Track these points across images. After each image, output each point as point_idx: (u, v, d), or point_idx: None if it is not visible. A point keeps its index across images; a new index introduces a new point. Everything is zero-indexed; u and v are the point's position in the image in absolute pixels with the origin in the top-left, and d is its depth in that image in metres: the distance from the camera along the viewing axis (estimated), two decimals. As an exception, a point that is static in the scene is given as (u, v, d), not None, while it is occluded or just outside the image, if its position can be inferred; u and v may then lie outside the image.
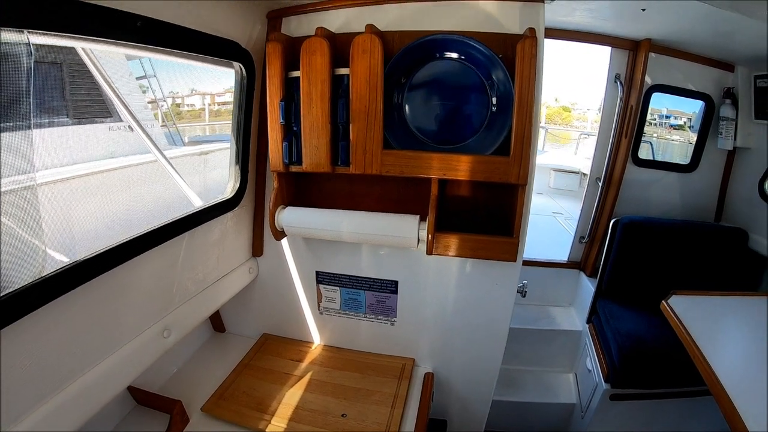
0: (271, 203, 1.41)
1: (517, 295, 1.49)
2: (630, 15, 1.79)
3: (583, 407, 2.17)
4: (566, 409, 2.32)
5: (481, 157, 1.21)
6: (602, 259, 2.24)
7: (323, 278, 1.63)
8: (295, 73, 1.27)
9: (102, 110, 2.97)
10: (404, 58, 1.25)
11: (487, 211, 1.40)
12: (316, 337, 1.73)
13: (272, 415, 1.33)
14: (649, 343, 1.88)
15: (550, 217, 4.25)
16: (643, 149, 2.37)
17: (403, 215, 1.35)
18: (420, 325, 1.60)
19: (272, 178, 1.42)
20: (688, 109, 2.45)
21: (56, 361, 0.92)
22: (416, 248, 1.35)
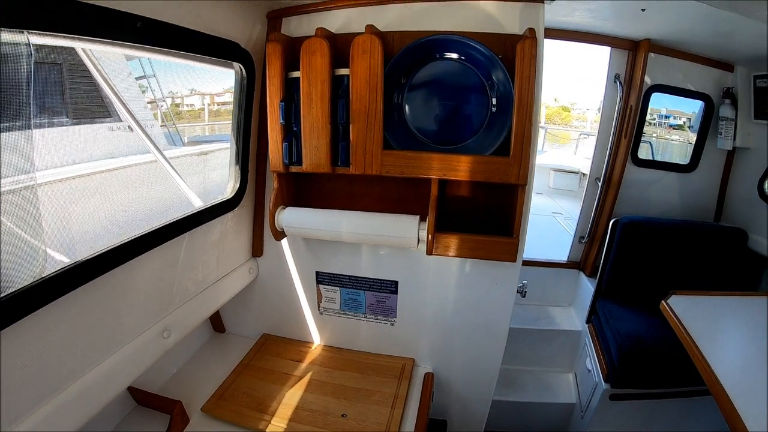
0: (271, 203, 1.41)
1: (517, 295, 1.49)
2: (630, 15, 1.79)
3: (583, 407, 2.17)
4: (566, 409, 2.32)
5: (481, 158, 1.21)
6: (602, 259, 2.25)
7: (323, 278, 1.63)
8: (295, 74, 1.27)
9: (101, 110, 2.96)
10: (404, 58, 1.25)
11: (487, 211, 1.40)
12: (316, 338, 1.73)
13: (272, 416, 1.33)
14: (648, 343, 1.88)
15: (550, 217, 4.25)
16: (643, 149, 2.37)
17: (403, 215, 1.35)
18: (420, 326, 1.60)
19: (272, 179, 1.42)
20: (688, 109, 2.45)
21: (57, 361, 0.92)
22: (416, 248, 1.35)
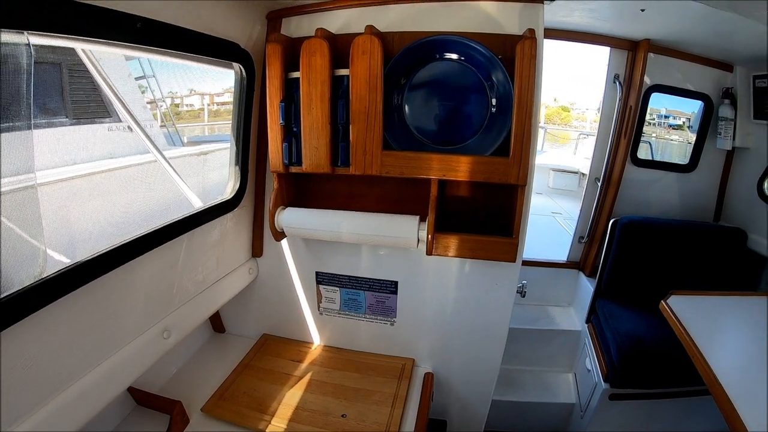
0: (270, 204, 1.41)
1: (517, 295, 1.50)
2: (629, 15, 1.79)
3: (583, 407, 2.18)
4: (566, 409, 2.32)
5: (481, 158, 1.22)
6: (601, 259, 2.25)
7: (323, 279, 1.63)
8: (295, 74, 1.27)
9: (101, 110, 2.96)
10: (404, 59, 1.25)
11: (487, 211, 1.40)
12: (316, 338, 1.73)
13: (272, 416, 1.33)
14: (648, 343, 1.89)
15: (550, 217, 4.25)
16: (642, 149, 2.37)
17: (403, 216, 1.35)
18: (420, 326, 1.60)
19: (272, 179, 1.42)
20: (687, 109, 2.45)
21: (57, 362, 0.92)
22: (416, 249, 1.36)
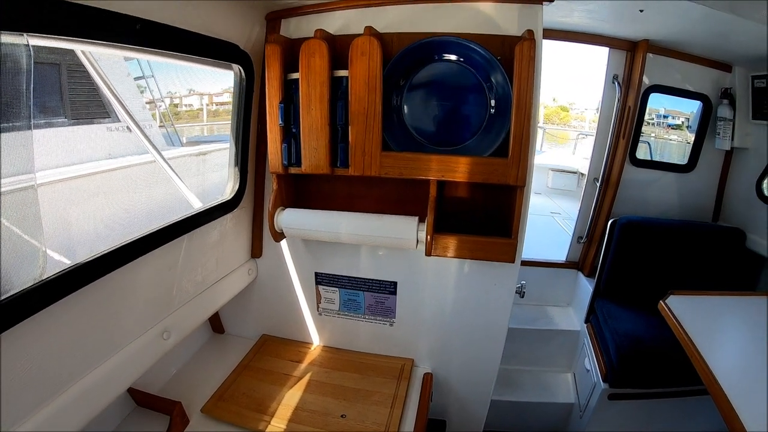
0: (270, 205, 1.41)
1: (516, 296, 1.50)
2: (628, 16, 1.80)
3: (582, 407, 2.18)
4: (565, 409, 2.33)
5: (480, 159, 1.22)
6: (600, 259, 2.25)
7: (322, 279, 1.64)
8: (294, 75, 1.27)
9: (100, 111, 2.96)
10: (403, 60, 1.26)
11: (486, 212, 1.41)
12: (316, 338, 1.74)
13: (272, 416, 1.33)
14: (647, 343, 1.89)
15: (549, 217, 4.25)
16: (641, 149, 2.37)
17: (402, 216, 1.35)
18: (419, 326, 1.60)
19: (271, 180, 1.42)
20: (686, 109, 2.46)
21: (57, 363, 0.92)
22: (415, 249, 1.36)
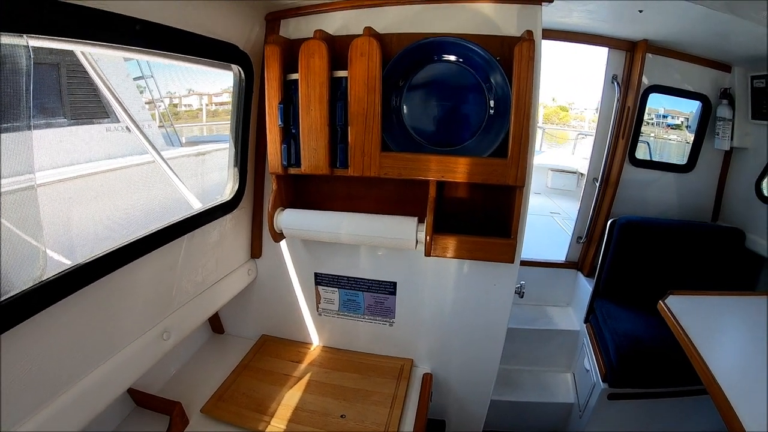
0: (269, 205, 1.41)
1: (515, 296, 1.50)
2: (627, 16, 1.80)
3: (581, 407, 2.18)
4: (564, 409, 2.33)
5: (479, 159, 1.22)
6: (600, 259, 2.25)
7: (322, 280, 1.64)
8: (294, 76, 1.27)
9: (99, 111, 2.96)
10: (402, 60, 1.26)
11: (485, 212, 1.41)
12: (315, 339, 1.74)
13: (271, 417, 1.33)
14: (646, 343, 1.89)
15: (548, 217, 4.25)
16: (641, 149, 2.38)
17: (402, 217, 1.35)
18: (418, 326, 1.60)
19: (271, 180, 1.42)
20: (685, 109, 2.46)
21: (57, 364, 0.92)
22: (414, 250, 1.36)
